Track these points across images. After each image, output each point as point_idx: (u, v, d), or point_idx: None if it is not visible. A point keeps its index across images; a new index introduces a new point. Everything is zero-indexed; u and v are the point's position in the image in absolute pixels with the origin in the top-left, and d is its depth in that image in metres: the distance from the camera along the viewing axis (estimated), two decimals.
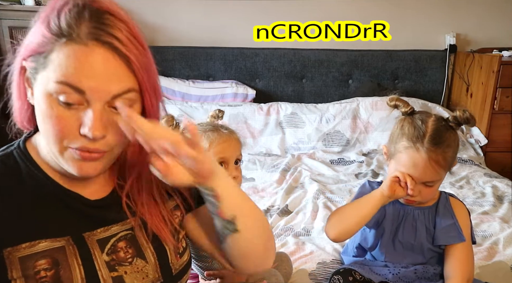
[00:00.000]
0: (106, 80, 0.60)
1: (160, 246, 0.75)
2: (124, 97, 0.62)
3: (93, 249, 0.68)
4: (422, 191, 1.09)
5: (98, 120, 0.60)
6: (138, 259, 0.72)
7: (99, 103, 0.60)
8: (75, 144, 0.62)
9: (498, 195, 1.98)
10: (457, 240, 1.13)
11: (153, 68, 0.65)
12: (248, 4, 2.83)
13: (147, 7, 2.78)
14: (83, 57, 0.58)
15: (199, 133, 1.11)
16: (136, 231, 0.73)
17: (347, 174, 2.25)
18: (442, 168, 1.07)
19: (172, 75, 2.79)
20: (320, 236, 1.58)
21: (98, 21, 0.59)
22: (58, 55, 0.59)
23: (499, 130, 2.62)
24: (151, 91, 0.65)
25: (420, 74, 2.92)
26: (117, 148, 0.67)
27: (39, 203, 0.66)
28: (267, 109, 2.68)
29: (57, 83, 0.59)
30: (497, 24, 2.92)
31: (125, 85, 0.61)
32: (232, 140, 1.12)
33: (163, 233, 0.74)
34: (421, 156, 1.06)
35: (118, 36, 0.60)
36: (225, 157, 1.09)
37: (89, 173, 0.65)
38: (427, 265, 1.17)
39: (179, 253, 0.78)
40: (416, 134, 1.07)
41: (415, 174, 1.07)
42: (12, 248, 0.62)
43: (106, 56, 0.59)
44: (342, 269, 1.17)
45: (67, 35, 0.59)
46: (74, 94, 0.59)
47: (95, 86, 0.59)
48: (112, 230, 0.71)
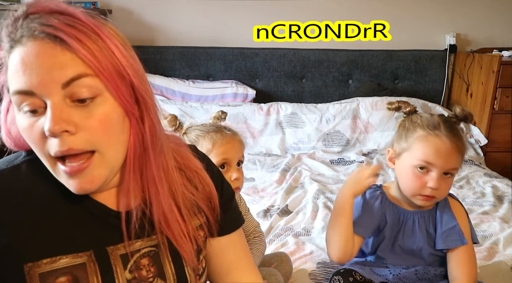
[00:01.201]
0: (47, 71, 0.56)
1: (181, 267, 0.72)
2: (79, 84, 0.57)
3: (116, 265, 0.66)
4: (442, 184, 1.07)
5: (54, 114, 0.56)
6: (158, 279, 0.70)
7: (54, 97, 0.56)
8: (51, 150, 0.58)
9: (498, 195, 1.98)
10: (459, 243, 1.11)
11: (114, 54, 0.59)
12: (248, 4, 2.83)
13: (147, 7, 2.77)
14: (21, 57, 0.56)
15: (202, 133, 1.11)
16: (160, 249, 0.71)
17: (347, 174, 2.25)
18: (461, 155, 1.06)
19: (172, 75, 2.79)
20: (320, 236, 1.58)
21: (36, 19, 0.57)
22: (10, 68, 0.58)
23: (499, 130, 2.62)
24: (112, 77, 0.59)
25: (420, 74, 2.92)
26: (107, 149, 0.61)
27: (64, 213, 0.64)
28: (267, 109, 2.68)
29: (13, 95, 0.57)
30: (497, 24, 2.92)
31: (73, 70, 0.56)
32: (235, 142, 1.12)
33: (186, 250, 0.72)
34: (443, 141, 1.04)
35: (52, 23, 0.56)
36: (227, 158, 1.09)
37: (86, 189, 0.61)
38: (428, 266, 1.16)
39: (198, 275, 0.76)
40: (431, 123, 1.07)
41: (439, 161, 1.04)
42: (33, 263, 0.60)
43: (42, 47, 0.56)
44: (343, 270, 1.17)
45: (8, 42, 0.58)
46: (30, 99, 0.56)
47: (38, 81, 0.56)
48: (136, 246, 0.68)
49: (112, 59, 0.59)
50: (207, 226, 0.77)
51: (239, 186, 1.13)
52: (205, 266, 0.79)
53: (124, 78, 0.60)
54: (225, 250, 0.81)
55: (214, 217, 0.78)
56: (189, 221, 0.73)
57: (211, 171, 0.79)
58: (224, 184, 0.82)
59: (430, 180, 1.06)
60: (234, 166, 1.11)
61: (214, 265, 0.81)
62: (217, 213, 0.78)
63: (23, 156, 0.66)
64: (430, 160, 1.05)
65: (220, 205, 0.78)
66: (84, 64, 0.57)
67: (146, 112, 0.64)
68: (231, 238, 0.81)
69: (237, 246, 0.83)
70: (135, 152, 0.64)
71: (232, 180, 1.09)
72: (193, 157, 0.77)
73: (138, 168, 0.66)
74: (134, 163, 0.65)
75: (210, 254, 0.80)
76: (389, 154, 1.15)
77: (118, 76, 0.60)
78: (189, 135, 1.13)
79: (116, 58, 0.59)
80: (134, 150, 0.64)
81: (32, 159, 0.65)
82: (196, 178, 0.76)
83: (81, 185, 0.60)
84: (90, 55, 0.57)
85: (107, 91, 0.59)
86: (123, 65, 0.60)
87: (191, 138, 1.12)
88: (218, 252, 0.80)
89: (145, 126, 0.64)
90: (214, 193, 0.77)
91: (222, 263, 0.81)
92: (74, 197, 0.64)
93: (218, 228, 0.79)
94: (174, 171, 0.72)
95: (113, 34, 0.61)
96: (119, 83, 0.60)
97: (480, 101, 2.68)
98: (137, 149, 0.64)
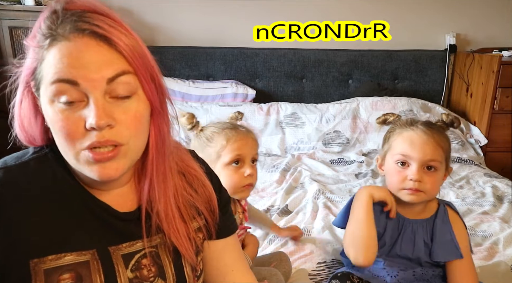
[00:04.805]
0: (95, 66, 0.59)
1: (180, 267, 0.74)
2: (120, 81, 0.61)
3: (117, 265, 0.67)
4: (424, 178, 1.07)
5: (99, 108, 0.59)
6: (159, 279, 0.71)
7: (97, 91, 0.59)
8: (86, 142, 0.60)
9: (498, 195, 1.98)
10: (454, 257, 1.11)
11: (146, 55, 0.65)
12: (248, 4, 2.83)
13: (147, 7, 2.78)
14: (68, 51, 0.58)
15: (218, 130, 1.13)
16: (160, 249, 0.72)
17: (347, 174, 2.25)
18: (441, 148, 1.07)
19: (172, 75, 2.79)
20: (320, 236, 1.58)
21: (78, 17, 0.60)
22: (47, 60, 0.60)
23: (499, 130, 2.62)
24: (147, 76, 0.64)
25: (420, 74, 2.92)
26: (134, 143, 0.64)
27: (70, 211, 0.65)
28: (267, 109, 2.68)
29: (52, 83, 0.59)
30: (497, 24, 2.92)
31: (117, 67, 0.60)
32: (249, 139, 1.14)
33: (186, 250, 0.73)
34: (417, 133, 1.08)
35: (98, 23, 0.60)
36: (241, 155, 1.11)
37: (110, 175, 0.63)
38: (426, 267, 1.16)
39: (197, 276, 0.77)
40: (409, 121, 1.12)
41: (414, 153, 1.07)
42: (39, 259, 0.62)
43: (90, 43, 0.59)
44: (340, 273, 1.17)
45: (49, 37, 0.60)
46: (71, 90, 0.59)
47: (86, 74, 0.58)
48: (137, 246, 0.70)
49: (146, 60, 0.64)
50: (206, 228, 0.79)
51: (252, 183, 1.15)
52: (203, 268, 0.81)
53: (154, 79, 0.66)
54: (222, 252, 0.83)
55: (213, 220, 0.80)
56: (189, 223, 0.75)
57: (210, 175, 0.82)
58: (222, 189, 0.85)
59: (410, 173, 1.08)
60: (248, 162, 1.13)
61: (212, 267, 0.83)
62: (216, 216, 0.80)
63: (31, 153, 0.68)
64: (406, 152, 1.08)
65: (219, 208, 0.81)
66: (127, 62, 0.61)
67: (164, 112, 0.69)
68: (228, 241, 0.84)
69: (233, 249, 0.85)
70: (157, 145, 0.68)
71: (246, 176, 1.11)
72: (193, 161, 0.80)
73: (160, 161, 0.69)
74: (156, 156, 0.69)
75: (208, 257, 0.82)
76: (378, 161, 1.19)
77: (150, 76, 0.65)
78: (205, 131, 1.16)
79: (148, 59, 0.64)
80: (156, 144, 0.68)
81: (40, 156, 0.67)
82: (196, 182, 0.78)
83: (106, 171, 0.62)
84: (132, 53, 0.62)
85: (141, 89, 0.64)
86: (153, 66, 0.65)
87: (207, 134, 1.15)
88: (216, 255, 0.82)
89: (163, 125, 0.69)
90: (214, 196, 0.80)
91: (219, 266, 0.82)
92: (80, 196, 0.66)
93: (217, 230, 0.81)
94: (176, 174, 0.74)
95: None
96: (150, 81, 0.65)
97: (480, 101, 2.68)
98: (159, 143, 0.68)
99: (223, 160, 1.11)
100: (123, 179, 0.69)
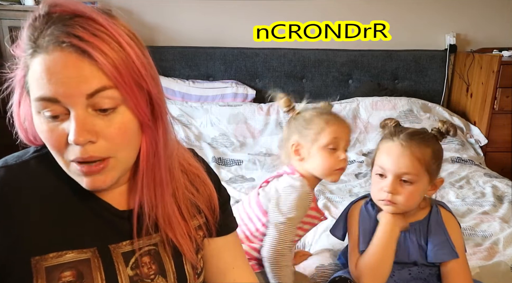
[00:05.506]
0: (74, 82, 0.57)
1: (180, 265, 0.74)
2: (102, 96, 0.58)
3: (118, 263, 0.67)
4: (399, 189, 1.07)
5: (79, 125, 0.58)
6: (159, 276, 0.71)
7: (78, 107, 0.58)
8: (71, 155, 0.60)
9: (498, 195, 1.98)
10: (449, 257, 1.11)
11: (134, 64, 0.60)
12: (248, 4, 2.83)
13: (146, 7, 2.77)
14: (47, 66, 0.57)
15: (317, 113, 1.17)
16: (160, 247, 0.73)
17: (347, 174, 2.25)
18: (418, 161, 1.05)
19: (172, 75, 2.78)
20: (319, 239, 1.58)
21: (60, 24, 0.57)
22: (32, 70, 0.59)
23: (499, 130, 2.62)
24: (131, 89, 0.60)
25: (420, 74, 2.92)
26: (122, 155, 0.63)
27: (71, 209, 0.66)
28: (267, 109, 2.68)
29: (35, 100, 0.59)
30: (497, 24, 2.92)
31: (97, 82, 0.58)
32: (345, 125, 1.19)
33: (187, 248, 0.74)
34: (395, 144, 1.08)
35: (78, 34, 0.56)
36: (337, 138, 1.15)
37: (98, 186, 0.63)
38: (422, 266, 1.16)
39: (197, 274, 0.78)
40: (393, 131, 1.11)
41: (388, 164, 1.07)
42: (40, 257, 0.62)
43: (69, 58, 0.57)
44: (338, 278, 1.16)
45: (30, 48, 0.58)
46: (54, 106, 0.58)
47: (64, 91, 0.57)
48: (137, 244, 0.70)
49: (133, 69, 0.60)
50: (206, 226, 0.80)
51: (344, 167, 1.18)
52: (203, 266, 0.81)
53: (143, 88, 0.62)
54: (222, 250, 0.83)
55: (213, 218, 0.80)
56: (189, 221, 0.75)
57: (209, 173, 0.82)
58: (221, 187, 0.85)
59: (384, 185, 1.08)
60: (342, 148, 1.16)
61: (212, 265, 0.83)
62: (216, 214, 0.80)
63: (31, 152, 0.68)
64: (382, 164, 1.09)
65: (219, 206, 0.81)
66: (107, 77, 0.58)
67: (160, 118, 0.66)
68: (228, 239, 0.84)
69: (234, 246, 0.85)
70: (148, 158, 0.66)
71: (340, 159, 1.15)
72: (194, 159, 0.80)
73: (150, 172, 0.68)
74: (146, 168, 0.67)
75: (208, 255, 0.82)
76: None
77: (137, 87, 0.61)
78: (304, 114, 1.19)
79: (136, 67, 0.61)
80: (147, 156, 0.66)
81: (41, 155, 0.67)
82: (198, 180, 0.79)
83: (94, 183, 0.62)
84: (113, 69, 0.58)
85: (126, 103, 0.61)
86: (142, 74, 0.62)
87: (305, 117, 1.18)
88: (216, 252, 0.82)
89: (159, 132, 0.66)
90: (215, 194, 0.80)
91: (219, 264, 0.83)
92: (81, 195, 0.66)
93: (217, 228, 0.81)
94: (179, 173, 0.74)
95: (130, 36, 0.62)
96: (137, 94, 0.61)
97: (480, 101, 2.68)
98: (150, 155, 0.66)
99: (321, 142, 1.15)
100: (123, 178, 0.70)
